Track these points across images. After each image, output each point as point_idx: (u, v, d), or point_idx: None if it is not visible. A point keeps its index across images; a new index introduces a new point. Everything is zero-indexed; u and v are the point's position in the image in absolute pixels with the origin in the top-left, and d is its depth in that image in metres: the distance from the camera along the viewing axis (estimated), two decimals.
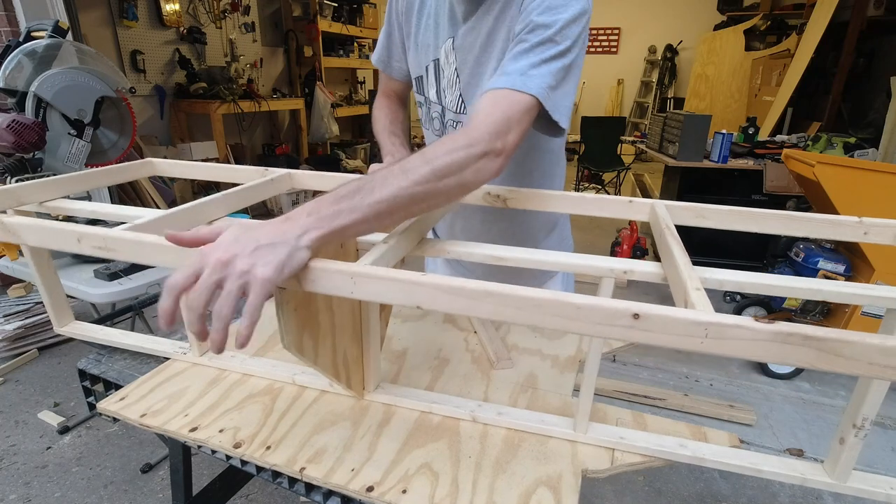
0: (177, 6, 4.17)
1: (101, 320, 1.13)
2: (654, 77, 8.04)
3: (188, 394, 0.79)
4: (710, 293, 0.62)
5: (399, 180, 0.57)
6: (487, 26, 0.83)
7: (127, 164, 1.09)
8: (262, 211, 4.63)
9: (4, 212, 0.83)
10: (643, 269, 0.66)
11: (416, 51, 0.95)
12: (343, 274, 0.52)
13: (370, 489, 0.61)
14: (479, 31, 0.84)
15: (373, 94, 4.94)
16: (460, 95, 0.90)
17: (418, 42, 0.94)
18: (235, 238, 0.50)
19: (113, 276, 1.56)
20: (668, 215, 0.77)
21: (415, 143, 5.61)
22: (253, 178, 1.04)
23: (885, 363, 0.41)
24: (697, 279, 0.56)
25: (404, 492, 0.61)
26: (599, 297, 0.47)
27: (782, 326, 0.42)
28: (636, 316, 0.45)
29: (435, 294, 0.49)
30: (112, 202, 3.19)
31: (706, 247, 3.14)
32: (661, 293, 3.22)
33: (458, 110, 0.92)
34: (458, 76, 0.89)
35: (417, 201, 0.58)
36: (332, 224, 0.53)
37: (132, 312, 1.53)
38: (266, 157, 4.97)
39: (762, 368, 2.38)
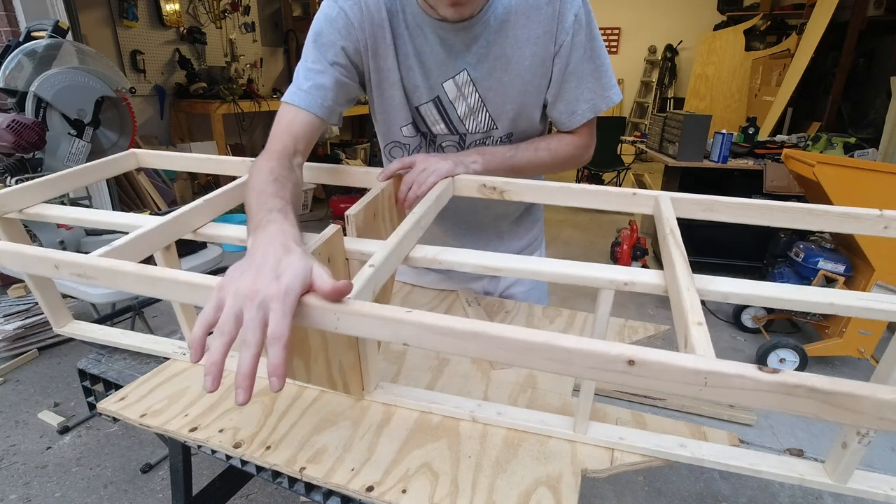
0: (177, 6, 4.18)
1: (101, 320, 1.13)
2: (654, 77, 8.04)
3: (188, 394, 0.79)
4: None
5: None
6: (502, 44, 0.84)
7: (110, 157, 1.04)
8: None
9: None
10: (644, 279, 0.64)
11: (402, 96, 0.90)
12: (326, 310, 0.49)
13: (370, 489, 0.61)
14: (495, 52, 0.85)
15: None
16: (489, 116, 0.91)
17: (405, 85, 0.89)
18: (241, 271, 0.49)
19: None
20: (672, 212, 0.75)
21: None
22: (240, 171, 1.03)
23: (895, 417, 0.39)
24: (700, 309, 0.53)
25: (404, 492, 0.61)
26: (593, 339, 0.45)
27: (786, 377, 0.40)
28: (631, 362, 0.43)
29: (421, 333, 0.48)
30: (112, 202, 3.19)
31: (706, 246, 3.14)
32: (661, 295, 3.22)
33: (488, 128, 0.93)
34: (483, 102, 0.90)
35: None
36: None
37: (132, 312, 1.54)
38: None
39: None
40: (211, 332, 0.47)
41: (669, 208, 0.76)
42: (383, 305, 0.50)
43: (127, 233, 0.71)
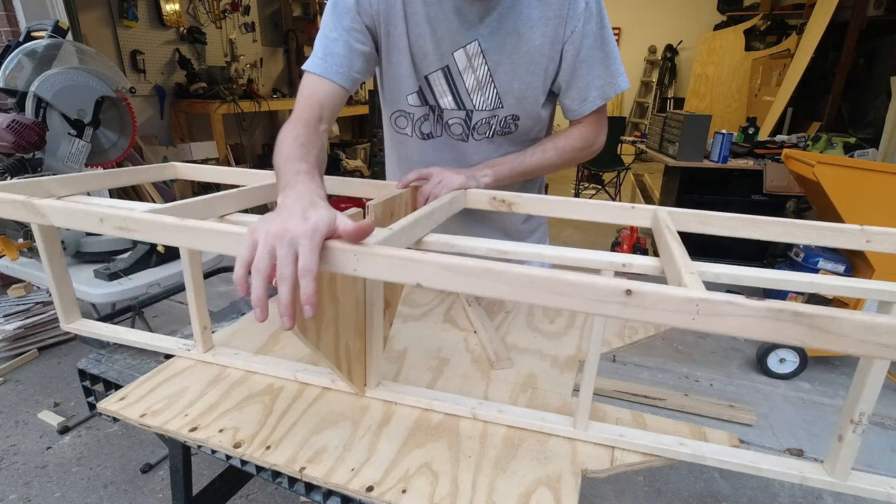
0: (177, 6, 4.17)
1: (101, 320, 1.13)
2: (654, 77, 8.04)
3: (188, 393, 0.79)
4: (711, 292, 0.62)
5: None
6: (515, 21, 0.87)
7: (151, 165, 1.15)
8: (262, 212, 4.62)
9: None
10: (641, 262, 0.67)
11: (410, 63, 0.91)
12: (346, 252, 0.53)
13: (370, 489, 0.61)
14: (506, 28, 0.87)
15: (373, 93, 4.92)
16: (497, 93, 0.93)
17: (414, 52, 0.90)
18: (272, 218, 0.54)
19: (113, 277, 1.56)
20: (670, 220, 0.79)
21: None
22: (267, 181, 1.07)
23: (874, 340, 0.42)
24: (693, 266, 0.57)
25: (404, 491, 0.61)
26: (592, 275, 0.48)
27: (772, 303, 0.42)
28: (629, 292, 0.45)
29: (436, 271, 0.51)
30: None
31: (706, 247, 3.14)
32: None
33: (495, 106, 0.94)
34: (491, 76, 0.91)
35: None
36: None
37: (132, 312, 1.53)
38: (266, 157, 4.98)
39: (762, 368, 2.38)
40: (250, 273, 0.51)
41: (668, 219, 0.80)
42: (399, 248, 0.53)
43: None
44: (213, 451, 0.70)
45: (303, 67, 0.87)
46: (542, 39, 0.88)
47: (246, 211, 0.91)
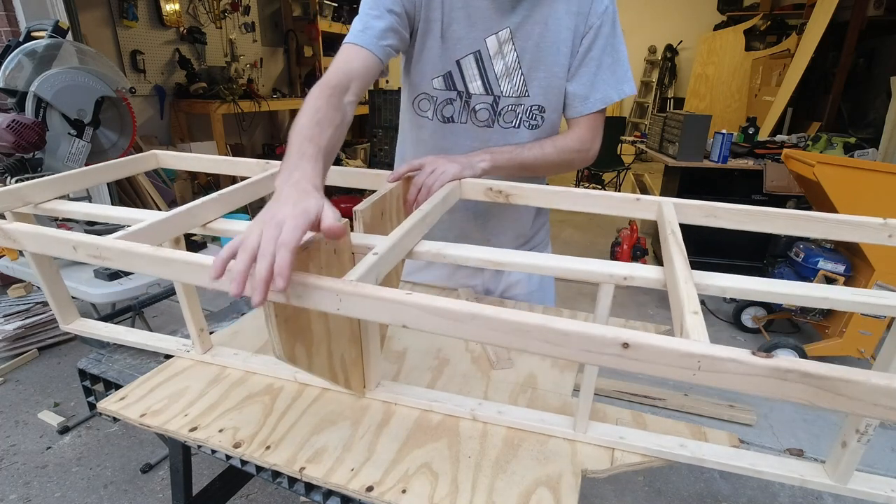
0: (177, 6, 4.17)
1: (101, 320, 1.13)
2: (654, 77, 8.03)
3: (188, 393, 0.79)
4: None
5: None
6: (543, 12, 0.91)
7: (131, 157, 1.09)
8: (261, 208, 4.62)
9: (2, 216, 0.83)
10: (643, 274, 0.64)
11: (442, 46, 0.94)
12: (329, 291, 0.51)
13: (370, 489, 0.61)
14: (535, 18, 0.91)
15: (374, 94, 4.90)
16: (523, 80, 0.95)
17: (446, 36, 0.93)
18: (270, 204, 0.55)
19: (113, 277, 1.56)
20: (674, 216, 0.76)
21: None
22: (253, 172, 1.04)
23: (889, 404, 0.39)
24: (696, 300, 0.54)
25: (404, 492, 0.61)
26: (588, 322, 0.46)
27: (780, 362, 0.40)
28: (626, 345, 0.43)
29: (419, 315, 0.49)
30: (112, 202, 3.19)
31: (706, 246, 3.14)
32: (661, 293, 3.22)
33: (521, 94, 0.97)
34: (519, 63, 0.94)
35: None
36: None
37: (132, 312, 1.53)
38: (266, 157, 4.97)
39: None
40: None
41: (672, 213, 0.77)
42: (383, 287, 0.51)
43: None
44: (213, 451, 0.70)
45: (344, 42, 0.87)
46: (566, 33, 0.92)
47: (246, 209, 0.90)
